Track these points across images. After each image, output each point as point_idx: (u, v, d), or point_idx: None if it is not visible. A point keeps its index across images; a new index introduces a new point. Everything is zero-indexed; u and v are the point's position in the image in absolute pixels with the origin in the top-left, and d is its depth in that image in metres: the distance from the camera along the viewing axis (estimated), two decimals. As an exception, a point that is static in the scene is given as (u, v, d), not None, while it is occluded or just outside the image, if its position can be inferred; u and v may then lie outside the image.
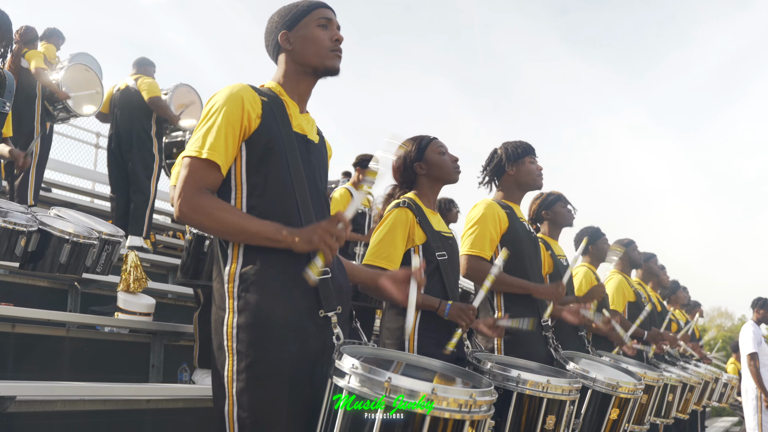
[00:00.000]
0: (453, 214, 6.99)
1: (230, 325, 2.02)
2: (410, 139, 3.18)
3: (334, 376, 1.90)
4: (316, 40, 2.25)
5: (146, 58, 7.48)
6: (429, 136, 3.18)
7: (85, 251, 3.83)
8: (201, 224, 2.06)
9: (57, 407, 3.27)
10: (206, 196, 2.04)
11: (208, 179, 2.06)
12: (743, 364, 8.32)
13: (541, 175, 3.65)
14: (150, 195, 7.03)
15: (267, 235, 2.02)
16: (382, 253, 2.89)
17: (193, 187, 2.04)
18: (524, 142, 3.67)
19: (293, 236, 2.01)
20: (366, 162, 6.18)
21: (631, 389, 3.15)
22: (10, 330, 4.20)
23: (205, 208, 2.03)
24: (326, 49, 2.25)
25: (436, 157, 3.11)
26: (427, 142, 3.14)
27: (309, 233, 2.00)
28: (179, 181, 2.07)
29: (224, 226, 2.03)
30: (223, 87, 2.16)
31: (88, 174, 11.50)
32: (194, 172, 2.05)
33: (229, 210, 2.05)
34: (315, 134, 2.34)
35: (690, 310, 9.39)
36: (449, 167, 3.11)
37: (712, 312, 42.30)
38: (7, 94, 3.92)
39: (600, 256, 5.21)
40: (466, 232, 3.41)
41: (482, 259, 3.31)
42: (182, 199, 2.03)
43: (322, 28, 2.26)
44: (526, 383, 2.56)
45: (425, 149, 3.12)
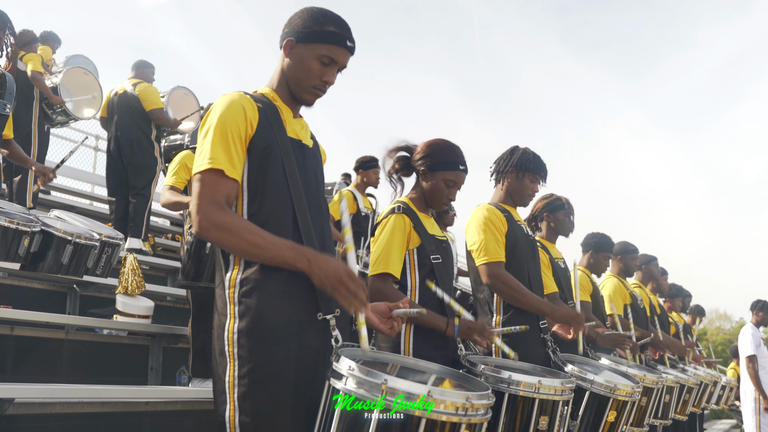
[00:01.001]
0: (449, 216, 6.99)
1: (231, 330, 2.02)
2: (443, 148, 3.07)
3: (332, 378, 1.90)
4: (308, 71, 2.20)
5: (145, 61, 7.50)
6: (457, 163, 3.05)
7: (86, 253, 3.84)
8: (222, 241, 2.04)
9: (56, 409, 3.28)
10: (226, 213, 2.02)
11: (224, 191, 2.04)
12: (742, 367, 8.34)
13: (531, 197, 3.64)
14: (149, 198, 7.04)
15: (284, 262, 2.01)
16: (388, 260, 2.88)
17: (210, 202, 2.01)
18: (540, 160, 3.64)
19: (311, 267, 2.00)
20: (367, 165, 6.18)
21: (629, 392, 3.15)
22: (9, 332, 4.20)
23: (226, 225, 2.00)
24: (310, 85, 2.21)
25: (441, 184, 3.03)
26: (451, 166, 3.03)
27: (332, 283, 1.99)
28: (194, 196, 2.04)
29: (244, 246, 2.01)
30: (221, 96, 2.15)
31: (87, 176, 11.50)
32: (209, 186, 2.03)
33: (249, 230, 2.02)
34: (309, 138, 2.33)
35: (691, 313, 9.40)
36: (441, 200, 3.06)
37: (711, 314, 42.38)
38: (7, 96, 3.93)
39: (596, 267, 5.20)
40: (477, 240, 3.37)
41: (501, 265, 3.31)
42: (201, 215, 2.00)
43: (322, 64, 2.20)
44: (519, 384, 2.56)
45: (442, 168, 3.03)
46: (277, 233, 2.05)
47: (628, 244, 5.87)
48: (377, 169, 6.20)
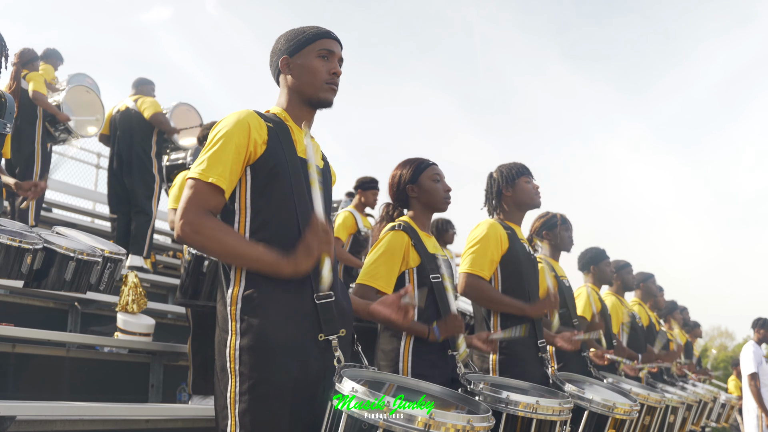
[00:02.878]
0: (450, 235, 7.01)
1: (233, 347, 2.05)
2: (409, 160, 3.22)
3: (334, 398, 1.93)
4: (314, 70, 2.28)
5: (145, 78, 7.56)
6: (428, 161, 3.21)
7: (89, 269, 3.84)
8: (202, 246, 2.08)
9: (57, 427, 3.29)
10: (209, 219, 2.07)
11: (212, 202, 2.10)
12: (744, 385, 8.36)
13: (538, 194, 3.68)
14: (151, 215, 7.07)
15: (266, 263, 2.05)
16: (375, 273, 2.93)
17: (196, 208, 2.07)
18: (518, 163, 3.71)
19: (293, 263, 2.05)
20: (366, 185, 6.22)
21: (627, 410, 3.16)
22: (10, 350, 4.22)
23: (207, 230, 2.05)
24: (321, 81, 2.28)
25: (429, 183, 3.13)
26: (424, 167, 3.17)
27: (304, 250, 2.05)
28: (182, 201, 2.09)
29: (225, 249, 2.06)
30: (231, 113, 2.20)
31: (89, 194, 11.53)
32: (198, 194, 2.08)
33: (231, 234, 2.08)
34: (320, 159, 2.38)
35: (689, 330, 9.41)
36: (439, 196, 3.14)
37: (713, 331, 42.24)
38: (7, 116, 3.95)
39: (602, 278, 5.24)
40: (467, 250, 3.43)
41: (480, 278, 3.34)
42: (184, 219, 2.06)
43: (322, 59, 2.30)
44: (517, 404, 2.56)
45: (420, 173, 3.15)
46: (283, 250, 2.08)
47: (620, 260, 5.90)
48: (376, 191, 6.24)
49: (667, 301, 8.24)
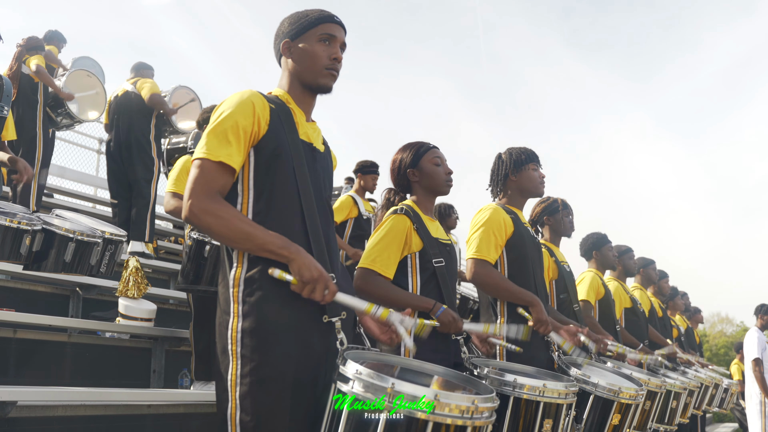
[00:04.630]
0: (452, 219, 6.99)
1: (235, 329, 2.03)
2: (410, 144, 3.19)
3: (338, 381, 1.90)
4: (314, 55, 2.25)
5: (144, 63, 7.51)
6: (428, 144, 3.17)
7: (89, 250, 3.82)
8: (209, 227, 2.05)
9: (58, 412, 3.28)
10: (217, 200, 2.05)
11: (220, 181, 2.07)
12: (747, 370, 8.40)
13: (543, 183, 3.65)
14: (150, 199, 7.04)
15: (272, 248, 2.02)
16: (376, 257, 2.90)
17: (204, 189, 2.04)
18: (528, 149, 3.66)
19: (299, 256, 2.01)
20: (366, 169, 6.19)
21: (633, 395, 3.14)
22: (11, 335, 4.21)
23: (216, 211, 2.03)
24: (322, 66, 2.25)
25: (430, 167, 3.10)
26: (424, 150, 3.14)
27: (311, 274, 1.99)
28: (189, 181, 2.06)
29: (232, 232, 2.02)
30: (233, 93, 2.17)
31: (91, 179, 11.51)
32: (206, 174, 2.05)
33: (238, 217, 2.05)
34: (321, 143, 2.35)
35: (690, 316, 9.40)
36: (441, 180, 3.11)
37: (713, 317, 42.29)
38: (4, 99, 3.93)
39: (605, 263, 5.22)
40: (471, 236, 3.39)
41: (489, 264, 3.31)
42: (192, 200, 2.03)
43: (323, 43, 2.26)
44: (523, 387, 2.55)
45: (421, 157, 3.12)
46: (284, 233, 2.06)
47: (622, 245, 5.89)
48: (375, 175, 6.21)
49: (670, 287, 8.23)
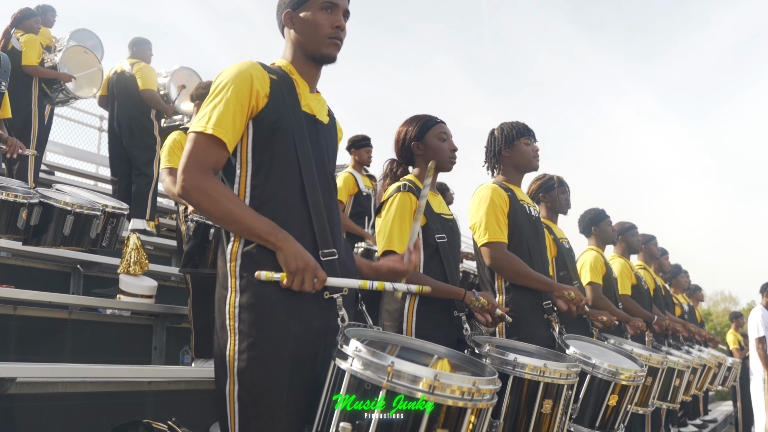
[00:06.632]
0: (448, 196, 7.01)
1: (233, 304, 2.01)
2: (416, 117, 3.15)
3: (337, 358, 1.87)
4: (316, 24, 2.20)
5: (141, 38, 7.40)
6: (435, 119, 3.13)
7: (89, 223, 3.79)
8: (200, 204, 2.02)
9: (58, 389, 3.27)
10: (211, 178, 2.01)
11: (213, 157, 2.03)
12: (752, 348, 8.42)
13: (537, 157, 3.59)
14: (152, 177, 7.02)
15: (259, 233, 1.99)
16: (392, 239, 2.86)
17: (197, 164, 2.01)
18: (519, 123, 3.62)
19: (286, 245, 1.98)
20: (358, 144, 6.15)
21: (632, 376, 3.08)
22: (12, 312, 4.20)
23: (207, 189, 1.99)
24: (324, 35, 2.20)
25: (435, 141, 3.07)
26: (431, 125, 3.10)
27: (297, 264, 1.96)
28: (183, 156, 2.03)
29: (221, 212, 1.99)
30: (232, 64, 2.12)
31: (91, 157, 11.46)
32: (199, 149, 2.02)
33: (229, 197, 2.01)
34: (325, 115, 2.30)
35: (691, 294, 9.40)
36: (445, 155, 3.07)
37: (716, 296, 42.37)
38: (2, 74, 3.87)
39: (605, 239, 5.18)
40: (478, 220, 3.35)
41: (503, 244, 3.29)
42: (185, 175, 2.00)
43: (326, 11, 2.20)
44: (524, 367, 2.52)
45: (427, 131, 3.09)
46: (284, 208, 2.04)
47: (625, 222, 5.85)
48: (369, 148, 6.17)
49: (672, 265, 8.22)
